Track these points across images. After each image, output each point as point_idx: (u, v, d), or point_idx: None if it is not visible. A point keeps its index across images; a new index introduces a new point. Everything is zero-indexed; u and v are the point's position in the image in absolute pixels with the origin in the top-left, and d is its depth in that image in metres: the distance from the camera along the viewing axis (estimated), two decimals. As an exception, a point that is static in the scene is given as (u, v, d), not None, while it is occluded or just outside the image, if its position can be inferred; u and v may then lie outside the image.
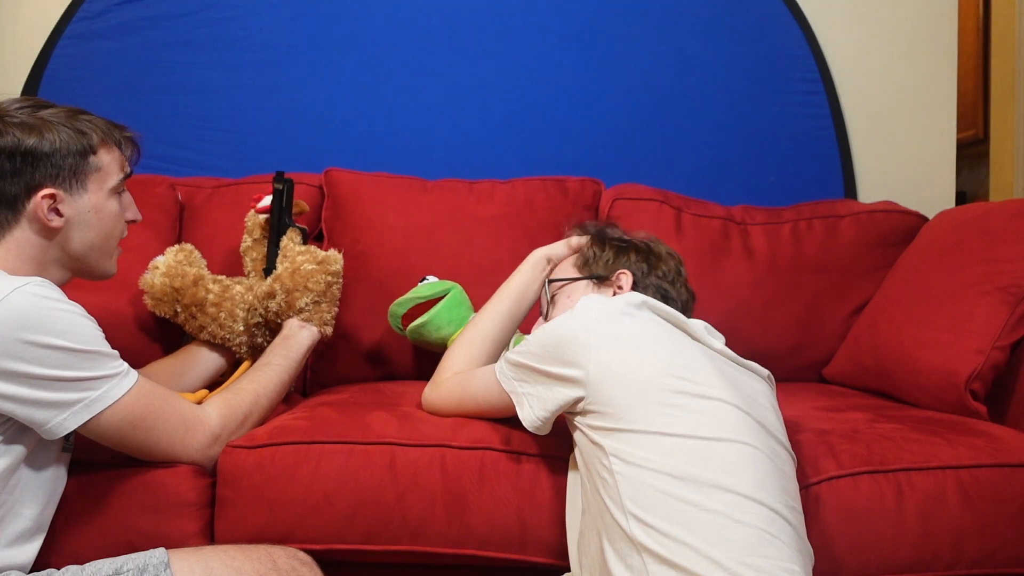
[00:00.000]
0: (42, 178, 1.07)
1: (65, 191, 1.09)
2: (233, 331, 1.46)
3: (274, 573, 1.00)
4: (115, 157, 1.16)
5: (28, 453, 1.03)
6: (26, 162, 1.06)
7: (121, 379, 1.06)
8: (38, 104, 1.12)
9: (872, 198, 2.03)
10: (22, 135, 1.06)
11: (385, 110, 2.04)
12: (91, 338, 1.03)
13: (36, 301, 0.99)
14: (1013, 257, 1.42)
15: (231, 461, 1.20)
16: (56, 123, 1.09)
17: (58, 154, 1.08)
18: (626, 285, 1.28)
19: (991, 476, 1.19)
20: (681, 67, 2.07)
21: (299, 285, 1.41)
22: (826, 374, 1.76)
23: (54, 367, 0.99)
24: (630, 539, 0.95)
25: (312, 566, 1.06)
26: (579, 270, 1.35)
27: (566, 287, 1.34)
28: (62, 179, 1.09)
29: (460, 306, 1.56)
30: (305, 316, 1.42)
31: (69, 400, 1.01)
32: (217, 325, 1.45)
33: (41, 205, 1.07)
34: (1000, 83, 2.62)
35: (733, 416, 1.03)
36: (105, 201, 1.14)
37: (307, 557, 1.07)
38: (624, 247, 1.34)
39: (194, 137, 2.02)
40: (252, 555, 1.01)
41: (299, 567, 1.03)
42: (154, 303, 1.45)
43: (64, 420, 1.01)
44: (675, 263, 1.33)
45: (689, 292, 1.33)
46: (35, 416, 0.99)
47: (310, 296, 1.41)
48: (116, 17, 2.01)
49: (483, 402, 1.23)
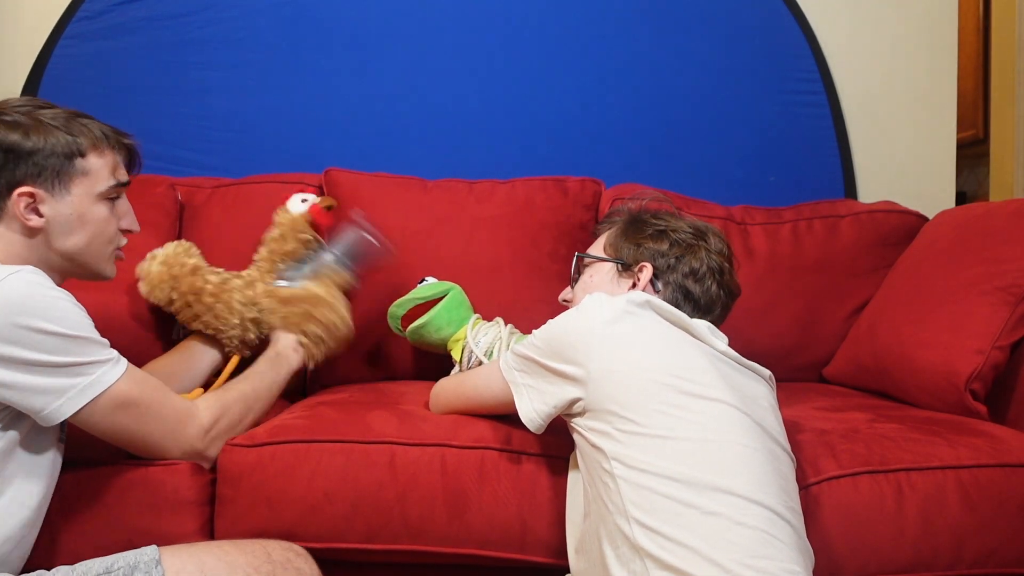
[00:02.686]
0: (22, 176, 1.07)
1: (46, 191, 1.08)
2: (228, 323, 1.45)
3: (268, 566, 1.00)
4: (107, 162, 1.14)
5: (23, 438, 1.03)
6: (7, 158, 1.06)
7: (113, 365, 1.07)
8: (39, 104, 1.12)
9: (872, 198, 2.02)
10: (7, 131, 1.07)
11: (385, 110, 2.04)
12: (82, 325, 1.04)
13: (30, 288, 1.00)
14: (1013, 257, 1.42)
15: (231, 459, 1.20)
16: (48, 124, 1.09)
17: (40, 154, 1.08)
18: (643, 280, 1.25)
19: (991, 476, 1.19)
20: (681, 67, 2.07)
21: (322, 318, 1.44)
22: (826, 374, 1.76)
23: (48, 352, 1.00)
24: (632, 544, 0.95)
25: (307, 558, 1.06)
26: (606, 251, 1.33)
27: (592, 265, 1.33)
28: (44, 179, 1.08)
29: (460, 307, 1.56)
30: (304, 341, 1.43)
31: (64, 386, 1.02)
32: (212, 315, 1.45)
33: (18, 203, 1.07)
34: (1000, 83, 2.62)
35: (733, 417, 1.02)
36: (90, 206, 1.12)
37: (302, 550, 1.07)
38: (658, 236, 1.28)
39: (194, 137, 2.02)
40: (246, 549, 1.02)
41: (294, 559, 1.04)
42: (149, 289, 1.45)
43: (60, 406, 1.02)
44: (717, 258, 1.27)
45: (725, 289, 1.26)
46: (32, 402, 1.00)
47: (323, 332, 1.44)
48: (116, 17, 2.01)
49: (484, 391, 1.23)
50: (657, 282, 1.25)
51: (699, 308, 1.24)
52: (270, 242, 1.54)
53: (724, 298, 1.27)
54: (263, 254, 1.54)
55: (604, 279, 1.30)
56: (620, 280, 1.28)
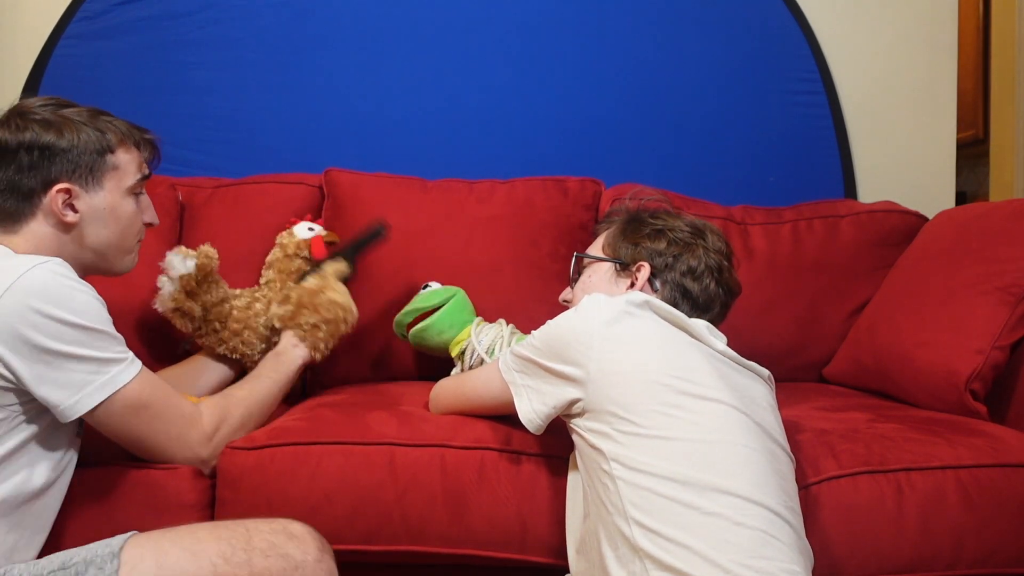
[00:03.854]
0: (58, 173, 1.10)
1: (81, 187, 1.12)
2: (255, 348, 1.48)
3: (243, 554, 0.94)
4: (133, 157, 1.18)
5: (41, 432, 1.04)
6: (43, 157, 1.10)
7: (129, 365, 1.08)
8: (61, 103, 1.15)
9: (872, 198, 2.02)
10: (41, 131, 1.10)
11: (385, 110, 2.04)
12: (102, 319, 1.06)
13: (54, 278, 1.02)
14: (1013, 257, 1.42)
15: (231, 462, 1.20)
16: (77, 121, 1.13)
17: (75, 151, 1.11)
18: (641, 279, 1.25)
19: (991, 476, 1.19)
20: (681, 67, 2.07)
21: (311, 304, 1.42)
22: (826, 374, 1.76)
23: (66, 342, 1.01)
24: (632, 545, 0.95)
25: (303, 540, 0.97)
26: (604, 250, 1.33)
27: (591, 265, 1.34)
28: (79, 175, 1.12)
29: (462, 311, 1.56)
30: (300, 334, 1.42)
31: (81, 381, 1.03)
32: (240, 341, 1.47)
33: (56, 199, 1.10)
34: (1000, 83, 2.62)
35: (732, 418, 1.03)
36: (121, 200, 1.16)
37: (301, 529, 0.99)
38: (656, 235, 1.28)
39: (194, 137, 2.02)
40: (222, 534, 0.96)
41: (284, 543, 0.96)
42: (177, 318, 1.44)
43: (78, 401, 1.03)
44: (716, 256, 1.27)
45: (724, 287, 1.26)
46: (51, 396, 1.01)
47: (316, 318, 1.42)
48: (116, 17, 2.01)
49: (483, 392, 1.23)
50: (655, 281, 1.25)
51: (698, 307, 1.24)
52: (275, 263, 1.56)
53: (723, 296, 1.26)
54: (270, 276, 1.56)
55: (603, 279, 1.30)
56: (619, 279, 1.28)
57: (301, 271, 1.55)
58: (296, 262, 1.56)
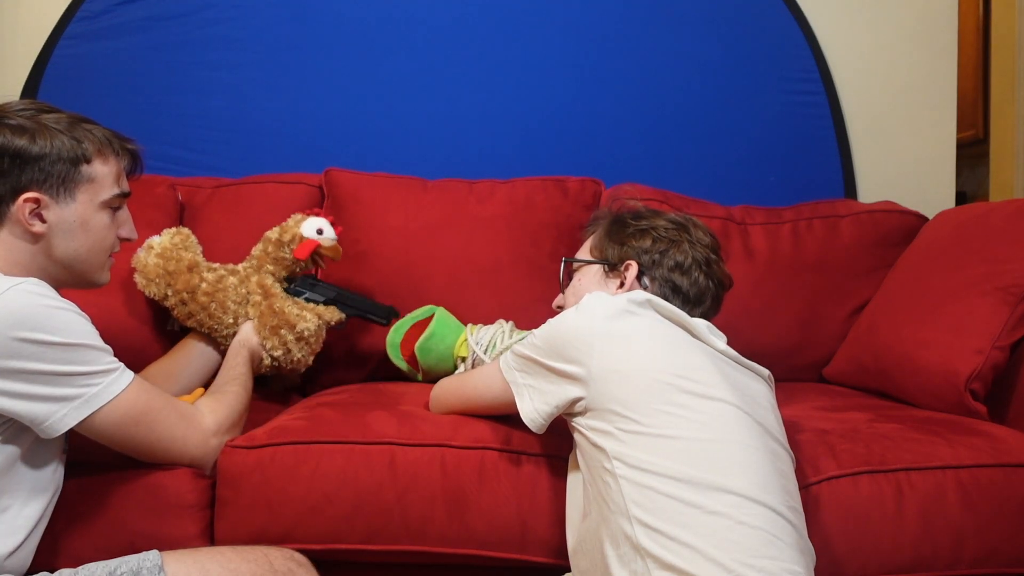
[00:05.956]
0: (28, 181, 1.05)
1: (51, 197, 1.07)
2: (222, 322, 1.46)
3: (270, 574, 1.00)
4: (111, 170, 1.13)
5: (24, 451, 1.03)
6: (14, 163, 1.05)
7: (119, 375, 1.07)
8: (41, 108, 1.10)
9: (872, 198, 2.02)
10: (13, 136, 1.05)
11: (385, 110, 2.04)
12: (85, 333, 1.04)
13: (31, 299, 0.99)
14: (1013, 257, 1.42)
15: (231, 461, 1.20)
16: (53, 128, 1.08)
17: (47, 159, 1.06)
18: (630, 277, 1.25)
19: (991, 476, 1.19)
20: (681, 67, 2.07)
21: (280, 332, 1.45)
22: (826, 374, 1.76)
23: (51, 362, 0.99)
24: (634, 544, 0.95)
25: (308, 567, 1.05)
26: (592, 253, 1.34)
27: (580, 269, 1.34)
28: (49, 185, 1.07)
29: (451, 318, 1.58)
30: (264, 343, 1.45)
31: (68, 395, 1.01)
32: (207, 314, 1.45)
33: (23, 208, 1.05)
34: (1000, 83, 2.62)
35: (734, 417, 1.03)
36: (94, 213, 1.11)
37: (303, 559, 1.06)
38: (640, 233, 1.29)
39: (194, 137, 2.02)
40: (248, 556, 1.01)
41: (295, 568, 1.03)
42: (145, 283, 1.45)
43: (64, 416, 1.01)
44: (702, 250, 1.26)
45: (714, 280, 1.26)
46: (35, 412, 1.00)
47: (279, 350, 1.45)
48: (116, 17, 2.01)
49: (484, 392, 1.23)
50: (644, 278, 1.26)
51: (689, 301, 1.24)
52: (267, 242, 1.54)
53: (714, 289, 1.26)
54: (258, 250, 1.54)
55: (592, 281, 1.30)
56: (608, 280, 1.29)
57: (292, 271, 1.54)
58: (284, 251, 1.52)
